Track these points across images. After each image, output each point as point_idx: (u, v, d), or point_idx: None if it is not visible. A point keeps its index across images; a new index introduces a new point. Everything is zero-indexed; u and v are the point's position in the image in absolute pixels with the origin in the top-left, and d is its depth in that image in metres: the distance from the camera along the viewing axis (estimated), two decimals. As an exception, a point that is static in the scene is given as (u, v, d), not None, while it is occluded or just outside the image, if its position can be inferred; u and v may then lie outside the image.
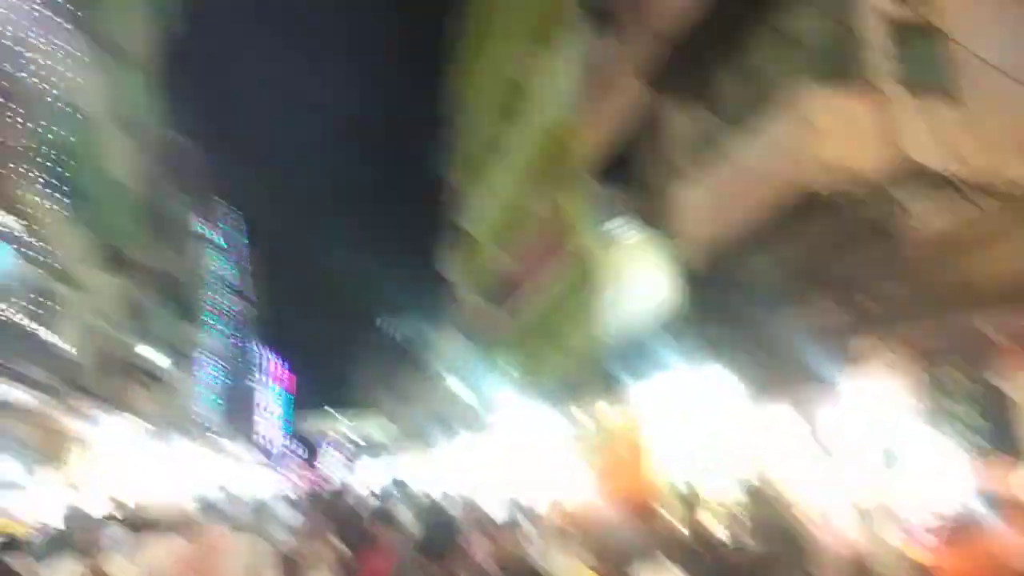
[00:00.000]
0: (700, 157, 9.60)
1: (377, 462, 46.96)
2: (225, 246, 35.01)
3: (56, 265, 12.68)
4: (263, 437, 58.62)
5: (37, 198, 11.89)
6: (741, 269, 8.96)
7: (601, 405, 12.32)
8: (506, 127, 18.95)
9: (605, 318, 12.61)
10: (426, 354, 31.66)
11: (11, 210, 10.41)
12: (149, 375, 19.42)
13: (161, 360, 20.97)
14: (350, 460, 77.50)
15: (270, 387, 66.67)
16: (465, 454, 21.66)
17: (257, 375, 55.35)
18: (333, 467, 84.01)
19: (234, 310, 38.38)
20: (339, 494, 14.48)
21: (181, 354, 25.29)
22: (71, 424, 12.13)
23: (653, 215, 10.89)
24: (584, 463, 13.37)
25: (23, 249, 10.76)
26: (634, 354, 10.92)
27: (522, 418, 16.10)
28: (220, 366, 33.49)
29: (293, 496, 18.10)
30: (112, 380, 16.47)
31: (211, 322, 30.10)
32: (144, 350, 19.69)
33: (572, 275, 14.26)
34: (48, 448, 11.66)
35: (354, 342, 76.06)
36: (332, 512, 9.25)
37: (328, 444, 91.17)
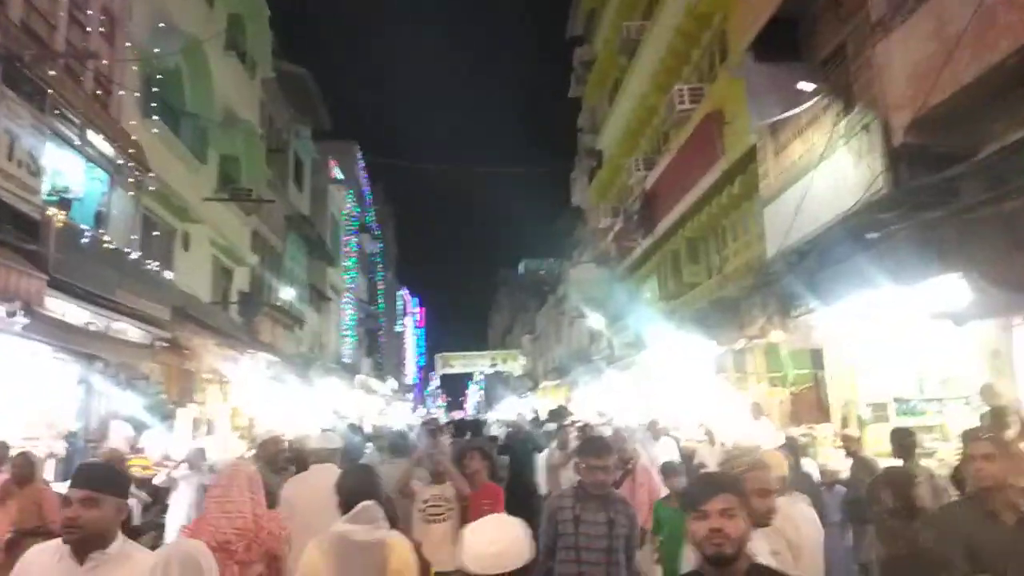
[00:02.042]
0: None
1: (521, 400, 47.09)
2: (358, 186, 34.87)
3: (175, 201, 12.17)
4: (406, 375, 60.31)
5: (149, 127, 11.25)
6: (971, 142, 6.80)
7: (777, 334, 10.33)
8: (643, 20, 16.66)
9: (780, 226, 10.47)
10: (565, 289, 30.37)
11: (120, 140, 9.67)
12: (285, 313, 19.30)
13: (296, 298, 20.88)
14: (486, 397, 79.46)
15: (410, 326, 68.34)
16: (609, 391, 20.43)
17: (397, 314, 56.54)
18: (472, 404, 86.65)
19: (371, 250, 38.62)
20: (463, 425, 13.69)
21: (319, 293, 25.40)
22: (205, 362, 11.71)
23: (841, 85, 8.67)
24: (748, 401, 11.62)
25: (136, 181, 10.09)
26: (824, 269, 8.88)
27: (672, 353, 14.39)
28: (360, 305, 33.82)
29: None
30: (248, 319, 16.31)
31: (348, 262, 30.17)
32: (281, 290, 19.60)
33: (731, 179, 12.13)
34: (182, 386, 11.38)
35: (493, 281, 76.84)
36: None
37: (471, 382, 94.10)
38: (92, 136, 8.91)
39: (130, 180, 9.64)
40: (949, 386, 9.65)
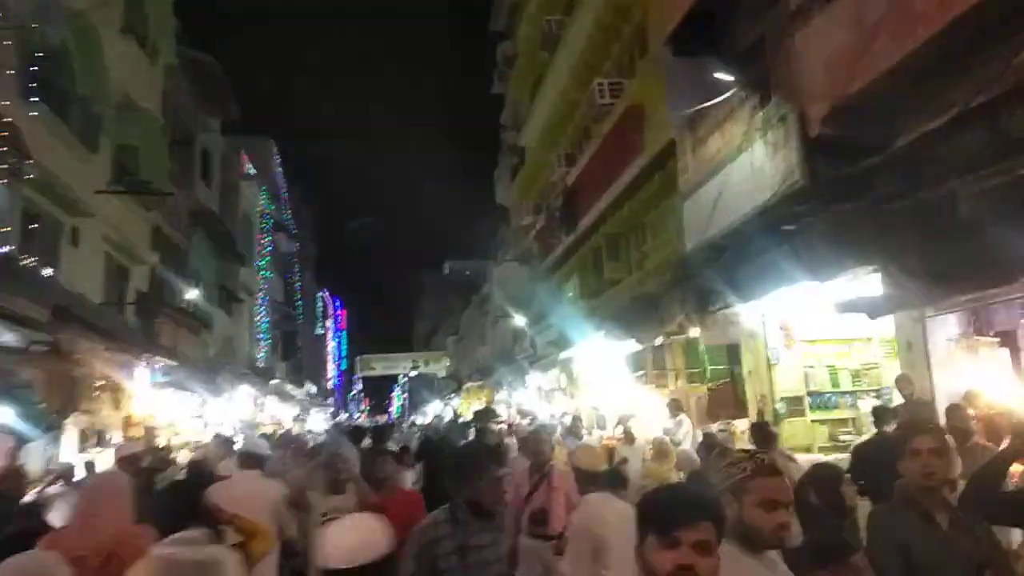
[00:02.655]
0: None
1: (441, 403, 46.51)
2: (273, 184, 33.59)
3: (61, 192, 11.17)
4: (325, 379, 58.73)
5: (29, 110, 10.26)
6: (887, 133, 6.82)
7: (695, 330, 10.26)
8: (563, 15, 16.48)
9: (699, 220, 10.41)
10: (489, 289, 30.07)
11: (3, 130, 8.74)
12: (189, 315, 18.21)
13: (203, 299, 19.77)
14: (410, 400, 78.41)
15: (331, 329, 66.63)
16: (530, 392, 20.24)
17: (317, 317, 54.96)
18: (395, 407, 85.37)
19: (287, 250, 37.30)
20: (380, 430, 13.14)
21: (229, 294, 24.22)
22: (93, 368, 10.76)
23: (759, 78, 8.62)
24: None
25: (10, 167, 9.13)
26: (741, 264, 8.82)
27: (593, 351, 14.25)
28: (275, 307, 32.58)
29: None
30: (147, 321, 15.25)
31: (261, 262, 28.96)
32: (185, 290, 18.50)
33: (651, 174, 12.04)
34: (66, 394, 10.40)
35: (417, 283, 75.87)
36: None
37: (395, 386, 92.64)
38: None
39: (2, 167, 8.70)
40: (862, 379, 9.81)
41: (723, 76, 9.10)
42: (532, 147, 20.78)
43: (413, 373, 53.48)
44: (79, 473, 8.62)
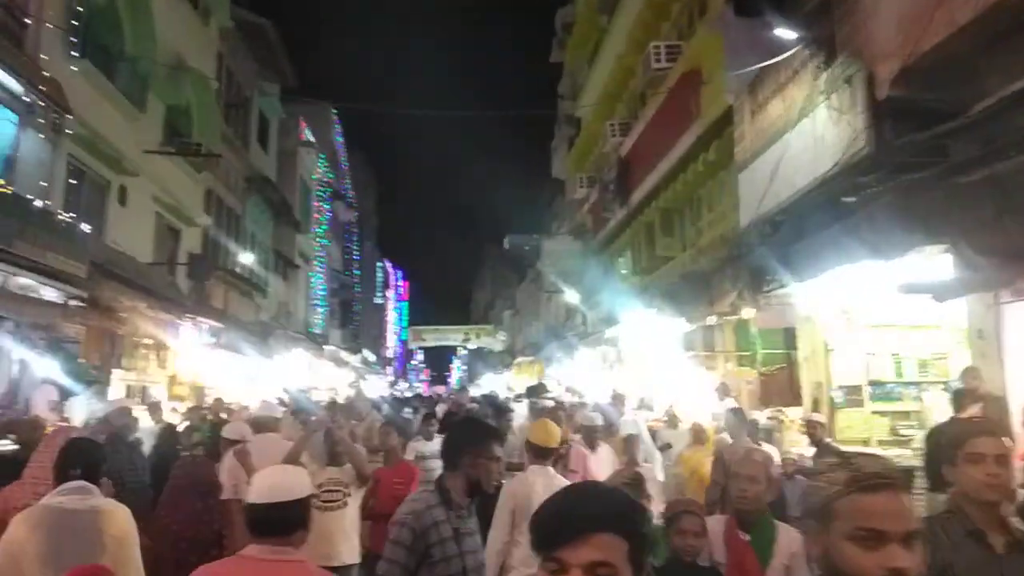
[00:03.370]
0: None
1: (498, 376, 46.53)
2: (333, 151, 33.76)
3: (106, 150, 11.22)
4: (384, 348, 59.53)
5: (74, 67, 10.27)
6: (963, 97, 6.08)
7: (747, 310, 9.65)
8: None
9: (755, 194, 9.73)
10: (542, 266, 29.55)
11: (33, 76, 8.72)
12: (241, 279, 18.41)
13: (257, 264, 19.97)
14: (469, 372, 78.93)
15: (392, 299, 67.45)
16: (579, 368, 19.79)
17: (377, 286, 55.61)
18: (455, 379, 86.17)
19: (346, 219, 37.62)
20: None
21: (286, 260, 24.48)
22: (135, 326, 10.86)
23: (825, 36, 7.86)
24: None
25: (53, 123, 9.16)
26: (798, 241, 8.15)
27: (643, 329, 13.71)
28: (333, 274, 32.93)
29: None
30: (198, 282, 15.42)
31: (319, 229, 29.20)
32: (239, 254, 18.69)
33: (707, 144, 11.34)
34: (105, 351, 10.54)
35: (478, 256, 76.03)
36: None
37: (454, 357, 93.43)
38: (-6, 70, 7.98)
39: (40, 121, 8.71)
40: (928, 370, 9.02)
41: (787, 34, 8.34)
42: (587, 117, 20.09)
43: (463, 346, 53.56)
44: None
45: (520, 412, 13.16)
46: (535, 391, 15.61)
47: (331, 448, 4.70)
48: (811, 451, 7.39)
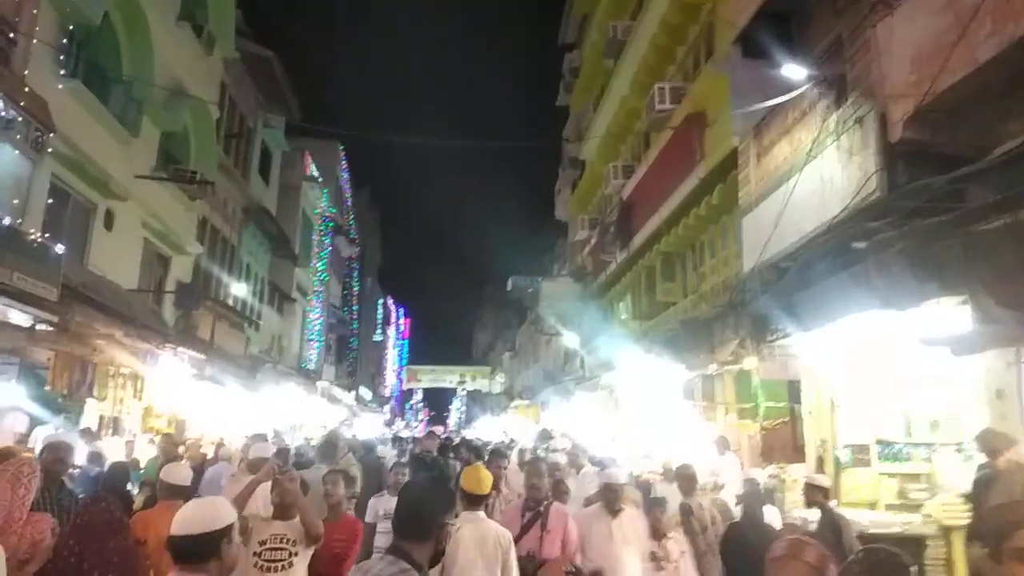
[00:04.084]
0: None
1: (495, 419, 45.77)
2: (337, 187, 33.68)
3: (93, 172, 10.93)
4: (383, 385, 58.77)
5: (61, 85, 10.04)
6: (981, 140, 5.73)
7: (749, 360, 9.21)
8: (631, 19, 15.60)
9: (758, 239, 9.35)
10: (541, 308, 29.18)
11: (14, 93, 8.46)
12: (231, 310, 18.00)
13: (251, 295, 19.59)
14: (466, 414, 77.87)
15: (393, 337, 66.88)
16: (579, 412, 19.22)
17: (377, 323, 55.14)
18: (453, 419, 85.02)
19: (347, 254, 37.37)
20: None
21: (282, 293, 24.11)
22: (109, 353, 10.42)
23: (835, 75, 7.56)
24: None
25: (33, 140, 8.86)
26: (803, 288, 7.74)
27: (640, 376, 13.22)
28: (331, 310, 32.52)
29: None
30: (185, 311, 15.01)
31: (318, 264, 28.90)
32: (231, 285, 18.33)
33: (710, 187, 11.01)
34: (75, 379, 10.07)
35: (480, 296, 75.73)
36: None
37: (454, 398, 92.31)
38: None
39: (18, 137, 8.41)
40: (941, 430, 8.48)
41: (795, 73, 8.05)
42: (591, 159, 19.92)
43: (459, 387, 52.85)
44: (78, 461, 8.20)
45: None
46: (544, 437, 15.18)
47: (279, 499, 4.21)
48: (814, 513, 6.84)
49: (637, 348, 13.74)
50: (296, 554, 4.14)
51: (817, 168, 7.86)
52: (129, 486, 9.82)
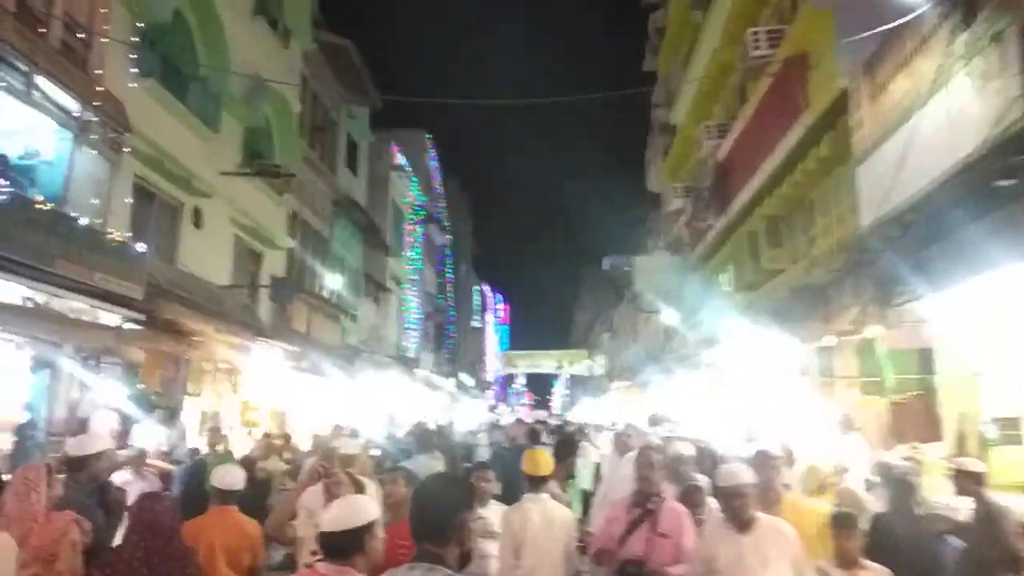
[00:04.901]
0: None
1: (595, 401, 45.09)
2: (427, 175, 33.74)
3: (175, 170, 11.02)
4: (484, 371, 59.14)
5: (138, 84, 10.10)
6: None
7: (873, 328, 8.20)
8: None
9: (878, 189, 8.28)
10: (637, 285, 28.19)
11: (89, 94, 8.49)
12: (326, 302, 18.15)
13: (346, 287, 19.73)
14: (570, 397, 77.37)
15: (491, 323, 67.16)
16: (682, 392, 18.30)
17: (474, 310, 55.41)
18: (557, 403, 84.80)
19: (440, 242, 37.50)
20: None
21: (377, 283, 24.29)
22: (204, 349, 10.51)
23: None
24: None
25: (111, 141, 8.92)
26: (935, 242, 6.70)
27: (748, 352, 12.25)
28: (427, 298, 32.71)
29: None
30: (281, 305, 15.18)
31: (411, 253, 29.02)
32: (326, 277, 18.48)
33: (818, 137, 9.90)
34: (167, 376, 10.21)
35: (577, 278, 75.01)
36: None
37: (555, 382, 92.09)
38: (45, 86, 7.74)
39: (95, 138, 8.45)
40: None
41: (911, -8, 6.94)
42: (682, 123, 18.76)
43: (563, 372, 52.30)
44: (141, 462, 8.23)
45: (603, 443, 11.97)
46: (656, 421, 14.46)
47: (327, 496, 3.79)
48: (960, 500, 5.85)
49: (743, 321, 12.77)
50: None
51: (944, 101, 6.77)
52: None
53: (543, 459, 4.61)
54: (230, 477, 4.24)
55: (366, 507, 2.67)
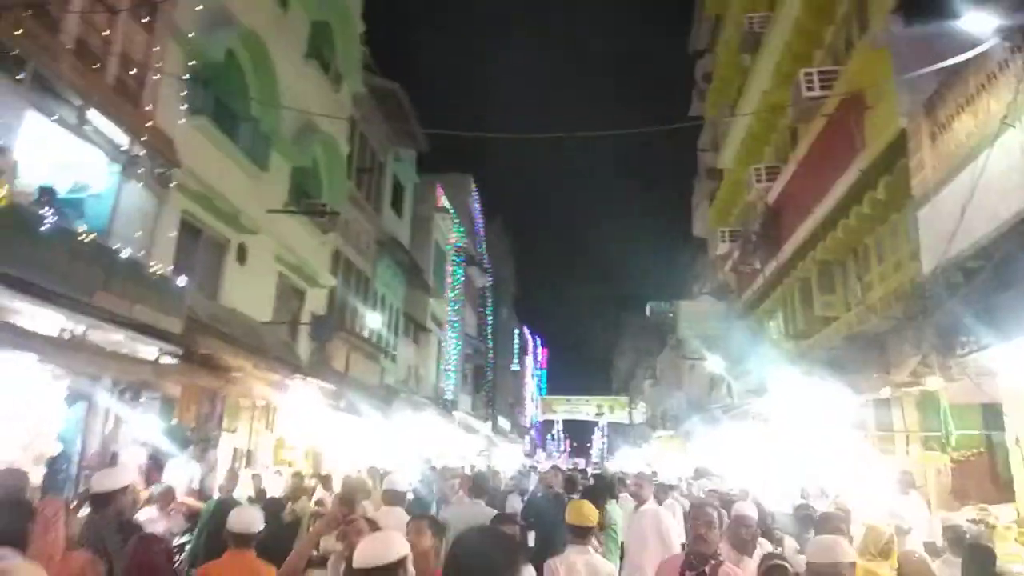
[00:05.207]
0: None
1: (636, 450, 44.05)
2: (469, 218, 33.92)
3: (223, 206, 11.13)
4: (522, 415, 58.41)
5: (189, 122, 10.28)
6: None
7: (934, 380, 7.71)
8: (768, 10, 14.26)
9: (940, 234, 7.87)
10: (681, 331, 27.63)
11: (139, 129, 8.64)
12: (366, 341, 18.09)
13: (386, 327, 19.69)
14: (608, 444, 75.82)
15: (530, 366, 66.59)
16: (728, 443, 17.62)
17: (513, 353, 55.00)
18: (596, 452, 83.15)
19: (480, 284, 37.47)
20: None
21: (417, 324, 24.23)
22: (241, 385, 10.43)
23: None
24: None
25: (159, 176, 9.03)
26: (1002, 289, 6.27)
27: (803, 401, 11.70)
28: (467, 340, 32.54)
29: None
30: (320, 343, 15.13)
31: (452, 294, 28.99)
32: (366, 316, 18.47)
33: (874, 180, 9.53)
34: (203, 411, 10.13)
35: (618, 324, 74.22)
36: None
37: (596, 428, 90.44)
38: (97, 120, 7.88)
39: (141, 171, 8.55)
40: None
41: (977, 25, 6.64)
42: (730, 166, 18.48)
43: (603, 420, 51.27)
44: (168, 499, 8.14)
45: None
46: (701, 474, 13.98)
47: (348, 552, 3.54)
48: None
49: (793, 370, 12.25)
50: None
51: (1015, 139, 6.40)
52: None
53: (589, 510, 4.59)
54: (246, 519, 4.02)
55: (399, 543, 2.69)
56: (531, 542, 6.58)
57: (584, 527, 4.55)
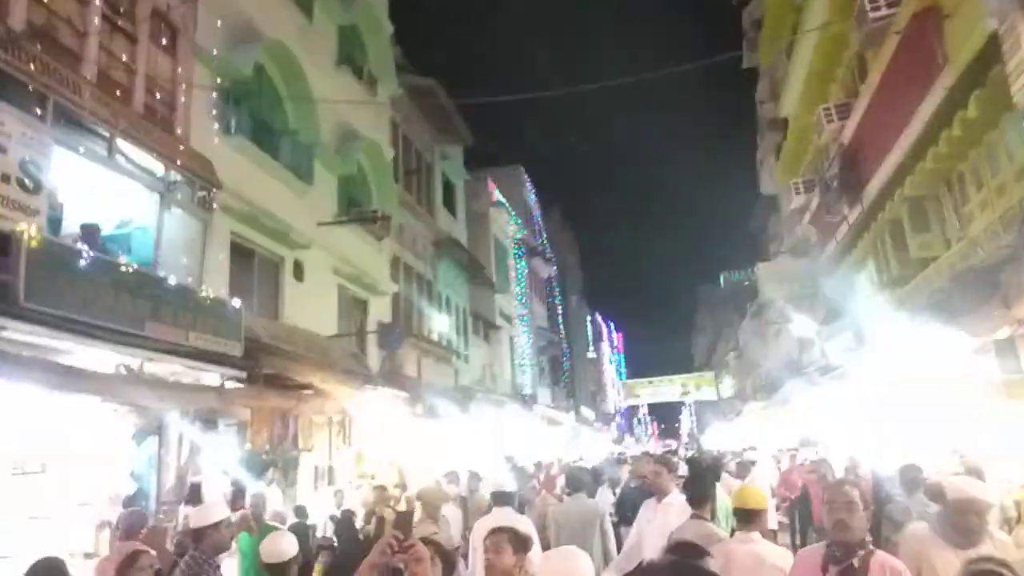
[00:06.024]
0: None
1: (729, 424, 42.68)
2: (526, 209, 33.37)
3: (271, 224, 10.89)
4: (604, 403, 57.50)
5: (227, 144, 10.07)
6: None
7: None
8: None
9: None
10: (763, 296, 26.40)
11: (174, 155, 8.42)
12: (435, 344, 17.76)
13: (453, 327, 19.33)
14: (697, 423, 74.02)
15: (607, 353, 65.55)
16: (826, 408, 16.54)
17: (588, 341, 54.17)
18: (686, 432, 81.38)
19: (546, 275, 36.85)
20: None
21: (485, 321, 23.84)
22: (313, 403, 10.17)
23: None
24: None
25: (201, 200, 8.80)
26: None
27: (908, 352, 10.66)
28: (539, 332, 32.01)
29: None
30: (390, 351, 14.85)
31: (517, 288, 28.49)
32: (433, 319, 18.15)
33: (963, 98, 8.46)
34: (277, 433, 9.89)
35: (693, 299, 72.49)
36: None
37: (683, 407, 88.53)
38: (127, 149, 7.67)
39: (180, 197, 8.32)
40: None
41: None
42: (794, 112, 17.28)
43: (689, 399, 49.93)
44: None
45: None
46: (806, 443, 13.11)
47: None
48: None
49: (894, 320, 11.20)
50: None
51: None
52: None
53: (753, 491, 4.21)
54: (278, 549, 3.63)
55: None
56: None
57: (751, 510, 4.07)
